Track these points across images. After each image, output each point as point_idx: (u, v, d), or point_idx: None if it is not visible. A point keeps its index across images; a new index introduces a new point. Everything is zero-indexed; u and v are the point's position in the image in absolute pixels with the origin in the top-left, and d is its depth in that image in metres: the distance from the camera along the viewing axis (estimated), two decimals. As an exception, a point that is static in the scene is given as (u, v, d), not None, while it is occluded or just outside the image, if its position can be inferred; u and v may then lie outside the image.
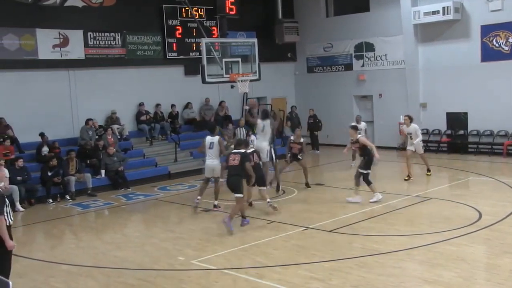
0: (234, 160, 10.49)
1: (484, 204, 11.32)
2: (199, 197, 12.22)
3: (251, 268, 8.20)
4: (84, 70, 17.01)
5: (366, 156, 12.02)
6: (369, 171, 12.06)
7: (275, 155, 13.56)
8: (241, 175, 10.48)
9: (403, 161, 15.26)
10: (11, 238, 6.70)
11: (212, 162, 12.01)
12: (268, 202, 11.58)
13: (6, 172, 13.09)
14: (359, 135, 12.19)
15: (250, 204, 11.97)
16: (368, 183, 12.08)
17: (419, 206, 11.70)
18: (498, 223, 9.91)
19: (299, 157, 13.90)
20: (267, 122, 13.03)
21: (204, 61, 14.04)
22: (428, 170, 14.78)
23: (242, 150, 10.72)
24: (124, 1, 17.50)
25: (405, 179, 14.27)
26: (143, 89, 18.25)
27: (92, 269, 8.66)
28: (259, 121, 13.09)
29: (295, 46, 23.01)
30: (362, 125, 17.20)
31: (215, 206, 12.15)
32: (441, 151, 18.92)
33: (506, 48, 17.24)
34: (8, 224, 6.61)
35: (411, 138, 14.45)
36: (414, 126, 14.47)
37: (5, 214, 6.56)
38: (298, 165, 14.33)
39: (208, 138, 12.14)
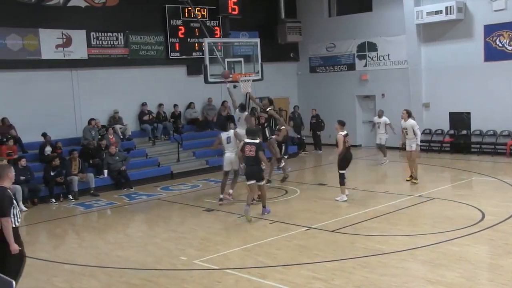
0: (251, 152, 11.15)
1: (487, 204, 11.29)
2: (231, 191, 12.72)
3: (253, 268, 8.20)
4: (87, 70, 17.03)
5: (341, 156, 12.31)
6: (343, 171, 12.30)
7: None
8: (259, 164, 11.23)
9: (405, 161, 15.22)
10: (18, 239, 6.67)
11: (231, 155, 12.67)
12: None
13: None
14: (340, 133, 12.24)
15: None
16: (342, 183, 12.31)
17: (422, 206, 11.68)
18: (501, 223, 9.89)
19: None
20: (243, 114, 13.64)
21: (207, 61, 14.05)
22: (415, 178, 13.91)
23: (257, 141, 11.37)
24: (127, 1, 17.52)
25: (407, 180, 14.23)
26: (146, 89, 18.27)
27: (95, 268, 8.67)
28: (237, 111, 13.83)
29: (297, 46, 23.00)
30: (383, 119, 17.28)
31: (229, 194, 12.63)
32: (443, 151, 18.89)
33: (510, 48, 17.19)
34: (14, 226, 6.57)
35: (406, 133, 14.11)
36: (411, 122, 13.90)
37: (12, 215, 6.53)
38: (300, 164, 14.39)
39: (224, 134, 12.78)
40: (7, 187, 6.59)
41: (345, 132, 12.25)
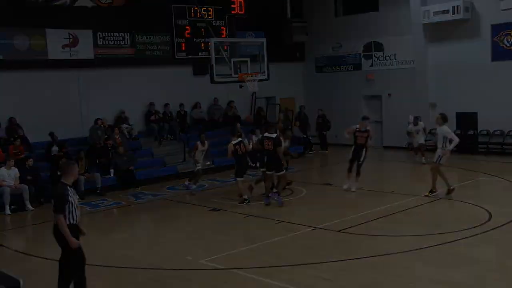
0: (269, 145, 11.97)
1: (495, 204, 11.23)
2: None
3: (259, 268, 8.19)
4: (93, 70, 17.08)
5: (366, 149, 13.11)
6: None
7: None
8: (277, 156, 11.97)
9: (411, 161, 15.14)
10: (78, 236, 6.70)
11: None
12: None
13: (16, 171, 13.25)
14: (368, 127, 13.19)
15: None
16: (360, 173, 13.08)
17: (428, 206, 11.64)
18: (508, 223, 9.83)
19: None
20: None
21: (213, 61, 14.06)
22: (431, 191, 12.31)
23: (274, 135, 12.05)
24: (133, 1, 17.55)
25: (426, 195, 12.40)
26: (152, 89, 18.30)
27: (101, 268, 8.68)
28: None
29: (303, 46, 22.98)
30: (421, 125, 17.07)
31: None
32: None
33: (517, 48, 17.12)
34: (68, 223, 6.58)
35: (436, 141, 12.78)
36: (444, 129, 12.26)
37: (68, 212, 6.56)
38: (306, 164, 14.38)
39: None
40: (68, 184, 6.70)
41: None
